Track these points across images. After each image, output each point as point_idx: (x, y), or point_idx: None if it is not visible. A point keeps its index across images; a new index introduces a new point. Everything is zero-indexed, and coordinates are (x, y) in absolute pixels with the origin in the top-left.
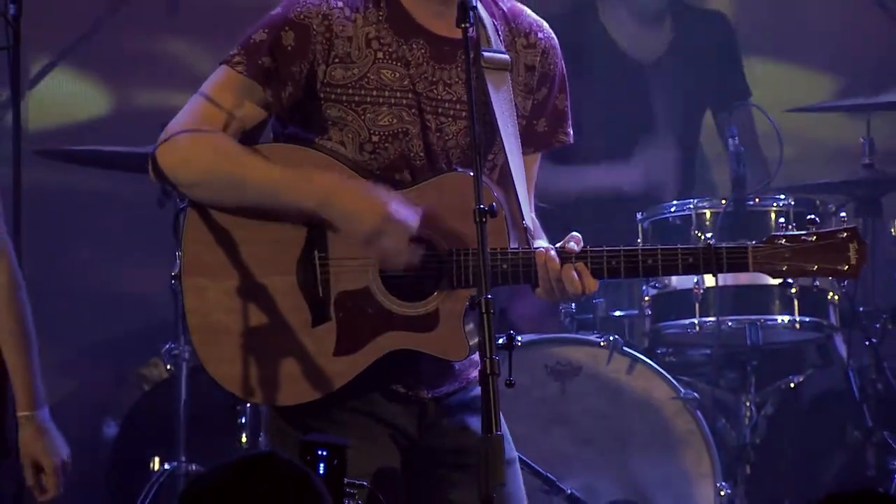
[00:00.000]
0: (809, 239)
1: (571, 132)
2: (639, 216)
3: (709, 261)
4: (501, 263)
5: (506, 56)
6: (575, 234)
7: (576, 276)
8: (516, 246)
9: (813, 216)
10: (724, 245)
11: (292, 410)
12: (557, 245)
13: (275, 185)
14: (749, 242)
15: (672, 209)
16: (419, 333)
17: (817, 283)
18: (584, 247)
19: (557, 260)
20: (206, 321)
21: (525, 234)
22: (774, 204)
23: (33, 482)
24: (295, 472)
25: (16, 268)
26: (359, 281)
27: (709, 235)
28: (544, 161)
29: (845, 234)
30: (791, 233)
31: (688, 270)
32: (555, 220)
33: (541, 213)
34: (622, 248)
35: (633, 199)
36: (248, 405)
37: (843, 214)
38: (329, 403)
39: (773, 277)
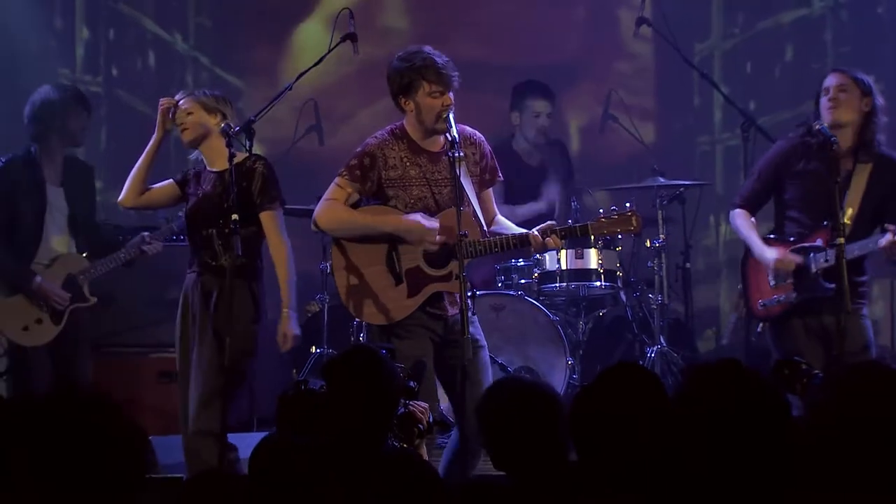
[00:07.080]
0: (614, 215)
1: (501, 175)
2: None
3: (575, 231)
4: (503, 242)
5: (462, 154)
6: (551, 221)
7: (550, 240)
8: (481, 236)
9: (614, 207)
10: (577, 225)
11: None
12: (537, 228)
13: (372, 224)
14: (590, 221)
15: None
16: (445, 283)
17: (618, 265)
18: (552, 226)
19: (540, 236)
20: (346, 285)
21: (482, 231)
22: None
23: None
24: (374, 353)
25: (276, 238)
26: (415, 262)
27: (572, 222)
28: (503, 203)
29: (629, 212)
30: (606, 214)
31: (572, 236)
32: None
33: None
34: (566, 226)
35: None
36: (355, 322)
37: (629, 203)
38: (400, 320)
39: (601, 237)
